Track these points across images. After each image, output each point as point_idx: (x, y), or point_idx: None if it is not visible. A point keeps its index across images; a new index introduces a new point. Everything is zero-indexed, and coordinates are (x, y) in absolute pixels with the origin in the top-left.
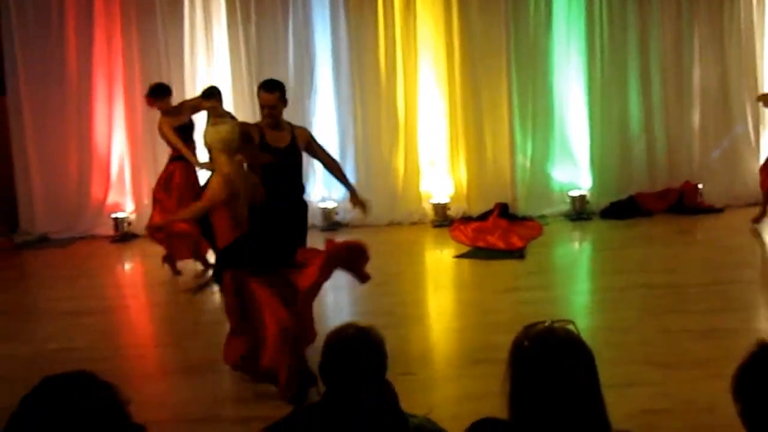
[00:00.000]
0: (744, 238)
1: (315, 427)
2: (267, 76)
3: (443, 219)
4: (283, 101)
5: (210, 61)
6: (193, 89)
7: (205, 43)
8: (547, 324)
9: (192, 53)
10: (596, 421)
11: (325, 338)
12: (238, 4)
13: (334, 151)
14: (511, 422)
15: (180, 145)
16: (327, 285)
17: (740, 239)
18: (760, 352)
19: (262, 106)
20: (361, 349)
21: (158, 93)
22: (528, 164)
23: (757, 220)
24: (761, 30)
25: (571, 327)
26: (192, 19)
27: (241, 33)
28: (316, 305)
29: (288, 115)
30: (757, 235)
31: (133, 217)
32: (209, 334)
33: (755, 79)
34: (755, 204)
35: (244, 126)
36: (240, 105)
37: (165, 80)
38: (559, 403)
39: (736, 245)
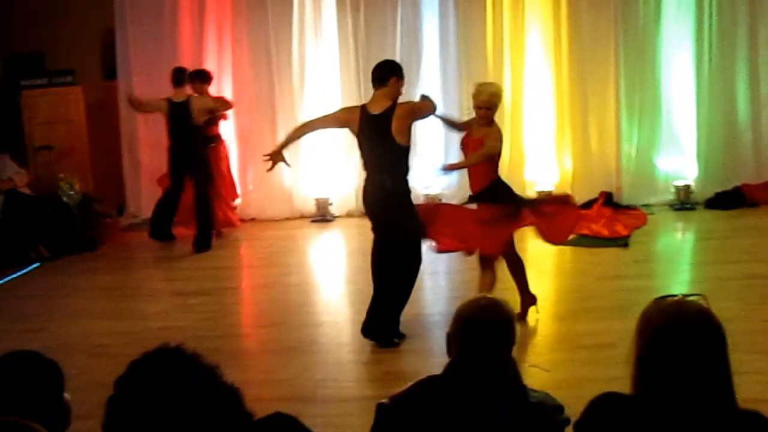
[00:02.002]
0: None
1: (437, 400)
2: (375, 64)
3: None
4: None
5: (317, 49)
6: (301, 78)
7: (313, 32)
8: (678, 297)
9: (300, 42)
10: (724, 397)
11: (457, 308)
12: None
13: (438, 140)
14: (635, 396)
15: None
16: (429, 269)
17: None
18: None
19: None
20: (492, 320)
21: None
22: (633, 153)
23: None
24: None
25: (702, 301)
26: (301, 8)
27: (350, 22)
28: (416, 290)
29: None
30: None
31: (238, 201)
32: (309, 315)
33: None
34: None
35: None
36: (347, 94)
37: (274, 69)
38: (687, 378)
39: None
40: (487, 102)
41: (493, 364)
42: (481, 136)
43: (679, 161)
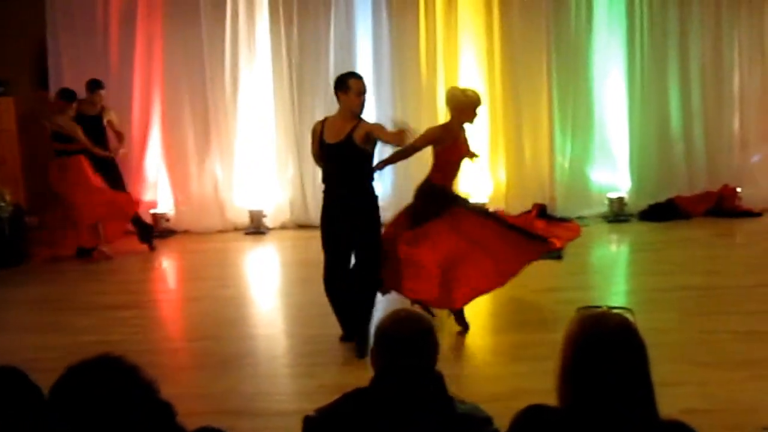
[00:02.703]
0: None
1: (362, 413)
2: (308, 76)
3: None
4: None
5: (251, 61)
6: (234, 90)
7: (247, 44)
8: (601, 310)
9: (233, 54)
10: (647, 408)
11: (377, 324)
12: (280, 5)
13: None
14: (560, 408)
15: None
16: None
17: None
18: None
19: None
20: (411, 332)
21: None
22: (567, 165)
23: None
24: None
25: (628, 315)
26: (234, 19)
27: (283, 34)
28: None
29: (328, 114)
30: None
31: (171, 213)
32: (242, 328)
33: None
34: None
35: None
36: (280, 106)
37: (207, 80)
38: (609, 389)
39: None
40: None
41: (415, 376)
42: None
43: (613, 173)
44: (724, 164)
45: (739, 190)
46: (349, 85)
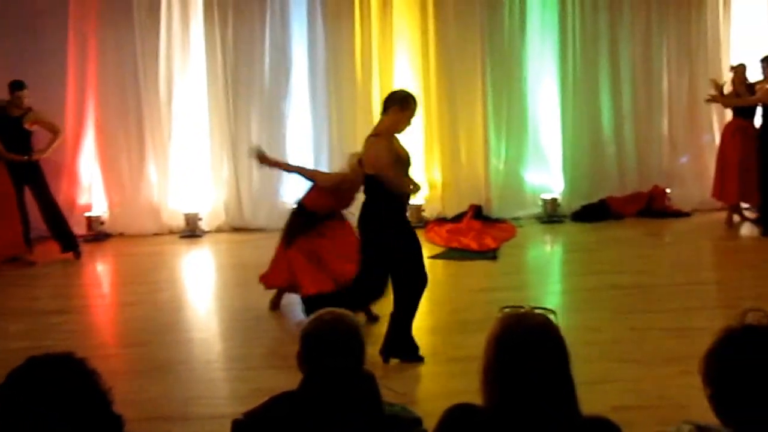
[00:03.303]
0: (710, 242)
1: (290, 415)
2: (243, 78)
3: (418, 220)
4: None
5: (185, 63)
6: (169, 91)
7: (181, 45)
8: (523, 309)
9: (168, 56)
10: (567, 407)
11: (303, 326)
12: (215, 7)
13: (308, 154)
14: (484, 407)
15: None
16: None
17: (707, 242)
18: (727, 336)
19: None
20: (337, 334)
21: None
22: (501, 167)
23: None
24: (727, 43)
25: (551, 316)
26: (168, 20)
27: (218, 36)
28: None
29: (263, 117)
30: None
31: (105, 216)
32: (178, 333)
33: (721, 91)
34: (721, 209)
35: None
36: (215, 107)
37: (141, 82)
38: (529, 387)
39: (703, 248)
40: None
41: (342, 377)
42: None
43: (546, 175)
44: (654, 165)
45: (668, 190)
46: (411, 106)
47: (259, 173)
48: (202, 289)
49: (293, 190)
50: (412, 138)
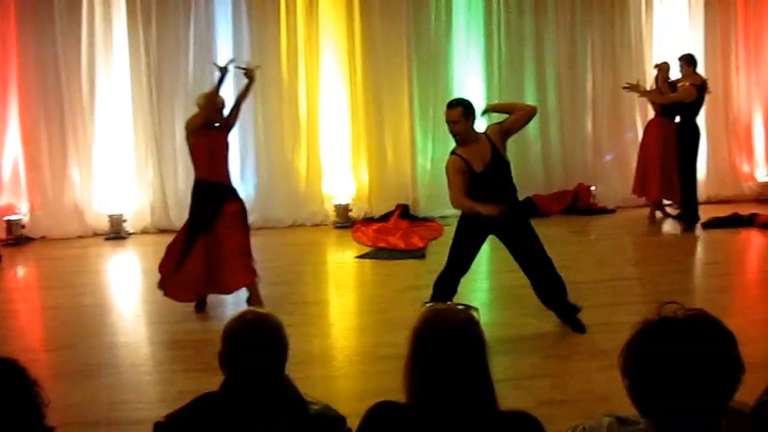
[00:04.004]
0: (633, 238)
1: (212, 416)
2: (167, 78)
3: (345, 220)
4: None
5: (108, 62)
6: (91, 91)
7: (103, 45)
8: (443, 306)
9: (90, 55)
10: (485, 401)
11: (224, 326)
12: (138, 5)
13: (234, 153)
14: (406, 404)
15: None
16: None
17: (630, 239)
18: (644, 328)
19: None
20: (259, 335)
21: None
22: (428, 166)
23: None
24: (650, 42)
25: (473, 312)
26: (90, 19)
27: (141, 34)
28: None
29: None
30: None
31: (27, 219)
32: (102, 336)
33: (644, 88)
34: (644, 206)
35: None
36: (138, 107)
37: (63, 82)
38: (449, 383)
39: (627, 244)
40: None
41: (264, 378)
42: None
43: None
44: (579, 164)
45: (593, 188)
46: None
47: (185, 172)
48: (127, 292)
49: None
50: (339, 138)
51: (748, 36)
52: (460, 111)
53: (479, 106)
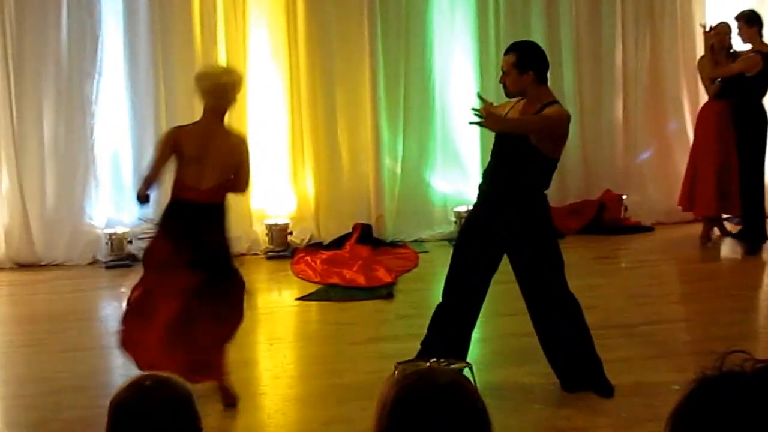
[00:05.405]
0: (679, 265)
1: None
2: (29, 51)
3: (282, 247)
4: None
5: None
6: None
7: None
8: (426, 365)
9: None
10: None
11: (112, 398)
12: None
13: (125, 155)
14: None
15: None
16: None
17: (674, 266)
18: (700, 386)
19: None
20: (159, 408)
21: None
22: (399, 170)
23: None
24: (701, 4)
25: (465, 371)
26: None
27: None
28: None
29: (59, 106)
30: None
31: None
32: None
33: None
34: (694, 221)
35: None
36: None
37: None
38: None
39: (670, 273)
40: None
41: None
42: None
43: (461, 180)
44: (605, 165)
45: (624, 197)
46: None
47: (57, 186)
48: None
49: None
50: (273, 135)
51: None
52: (512, 59)
53: (468, 84)
